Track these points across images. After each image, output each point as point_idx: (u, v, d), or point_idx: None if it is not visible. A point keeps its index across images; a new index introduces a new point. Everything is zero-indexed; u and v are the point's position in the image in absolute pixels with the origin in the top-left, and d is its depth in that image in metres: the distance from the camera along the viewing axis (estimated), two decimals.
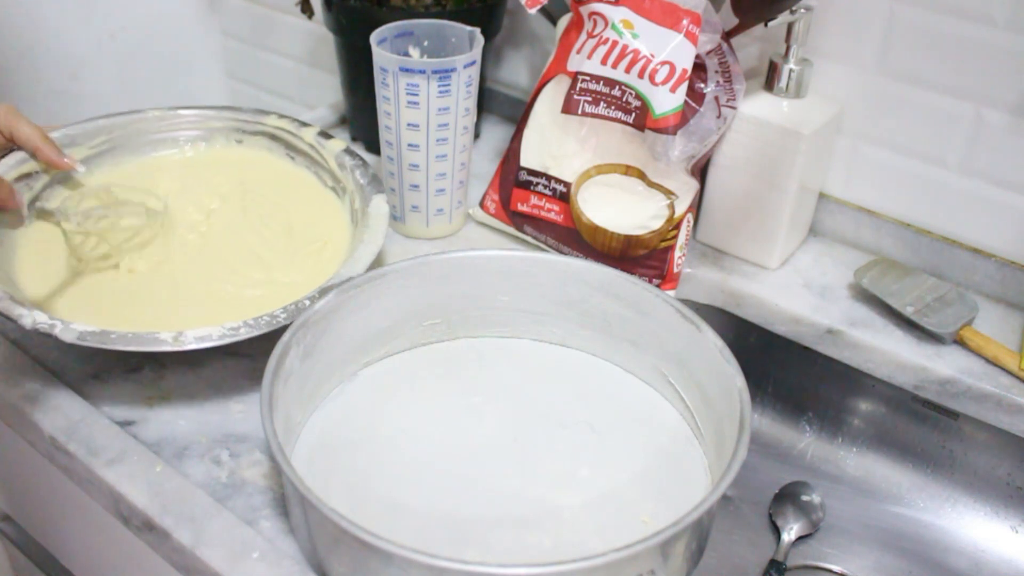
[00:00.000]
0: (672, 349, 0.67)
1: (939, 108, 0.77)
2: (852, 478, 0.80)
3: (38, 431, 0.64)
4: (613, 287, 0.69)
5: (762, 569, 0.73)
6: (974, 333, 0.75)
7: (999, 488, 0.75)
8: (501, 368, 0.71)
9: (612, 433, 0.67)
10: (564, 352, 0.73)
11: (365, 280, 0.66)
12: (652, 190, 0.77)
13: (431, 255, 0.69)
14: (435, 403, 0.68)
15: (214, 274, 0.72)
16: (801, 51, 0.78)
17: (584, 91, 0.77)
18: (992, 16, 0.72)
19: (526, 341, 0.74)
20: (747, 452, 0.55)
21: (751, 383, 0.85)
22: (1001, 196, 0.77)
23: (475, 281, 0.70)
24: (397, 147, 0.80)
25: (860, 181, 0.84)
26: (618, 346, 0.71)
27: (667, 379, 0.68)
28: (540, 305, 0.71)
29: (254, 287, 0.71)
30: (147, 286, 0.71)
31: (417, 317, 0.70)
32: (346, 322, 0.65)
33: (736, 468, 0.54)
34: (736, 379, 0.60)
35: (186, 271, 0.73)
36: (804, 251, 0.85)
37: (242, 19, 1.26)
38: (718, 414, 0.62)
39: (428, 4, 0.89)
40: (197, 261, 0.74)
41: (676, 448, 0.66)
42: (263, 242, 0.76)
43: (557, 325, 0.72)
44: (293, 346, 0.60)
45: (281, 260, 0.74)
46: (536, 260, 0.70)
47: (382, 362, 0.71)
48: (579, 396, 0.69)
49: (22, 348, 0.70)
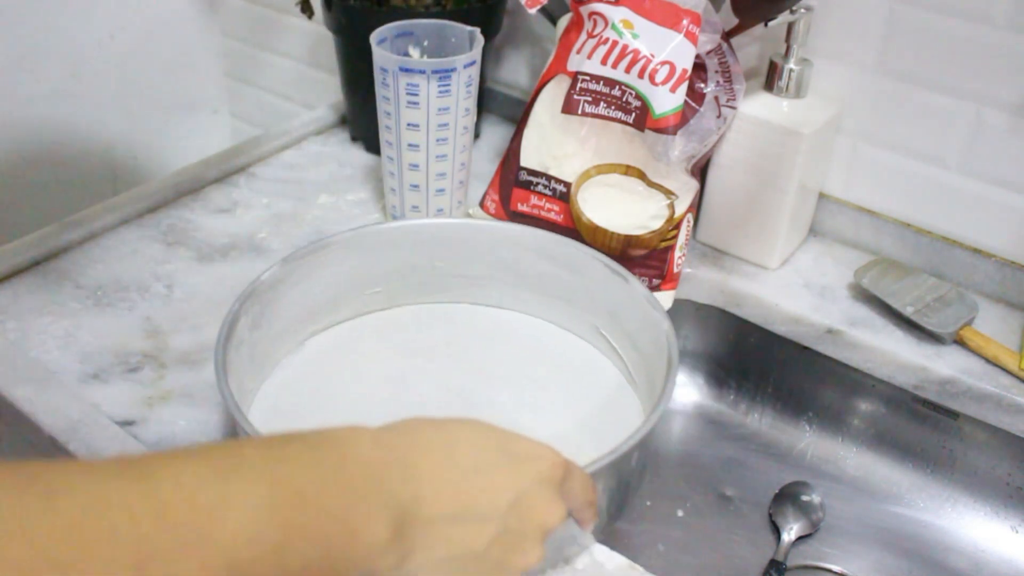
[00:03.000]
0: (603, 303, 0.70)
1: (939, 108, 0.77)
2: (852, 478, 0.80)
3: (38, 431, 0.64)
4: (545, 248, 0.72)
5: (762, 569, 0.73)
6: (974, 333, 0.75)
7: (999, 488, 0.75)
8: (442, 332, 0.74)
9: (551, 386, 0.69)
10: (501, 314, 0.76)
11: (308, 252, 0.68)
12: (652, 190, 0.77)
13: (369, 225, 0.72)
14: (380, 368, 0.70)
15: None
16: (801, 51, 0.78)
17: (584, 91, 0.77)
18: (992, 16, 0.72)
19: (464, 305, 0.76)
20: (674, 388, 0.59)
21: (751, 383, 0.85)
22: (1001, 196, 0.77)
23: (413, 249, 0.73)
24: (397, 147, 0.80)
25: (860, 181, 0.84)
26: (552, 304, 0.74)
27: (600, 332, 0.71)
28: (476, 269, 0.74)
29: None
30: None
31: (359, 287, 0.72)
32: (291, 293, 0.67)
33: (665, 404, 0.57)
34: (663, 324, 0.64)
35: None
36: (804, 251, 0.85)
37: (242, 19, 1.26)
38: (649, 360, 0.65)
39: (428, 4, 0.89)
40: None
41: (612, 396, 0.69)
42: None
43: (493, 288, 0.75)
44: (242, 316, 0.62)
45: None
46: (470, 226, 0.73)
47: (327, 331, 0.72)
48: (518, 354, 0.72)
49: (22, 348, 0.70)
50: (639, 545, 0.75)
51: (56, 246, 0.80)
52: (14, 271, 0.77)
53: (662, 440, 0.85)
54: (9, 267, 0.77)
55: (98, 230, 0.83)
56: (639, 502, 0.78)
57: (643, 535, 0.76)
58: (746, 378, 0.85)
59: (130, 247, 0.81)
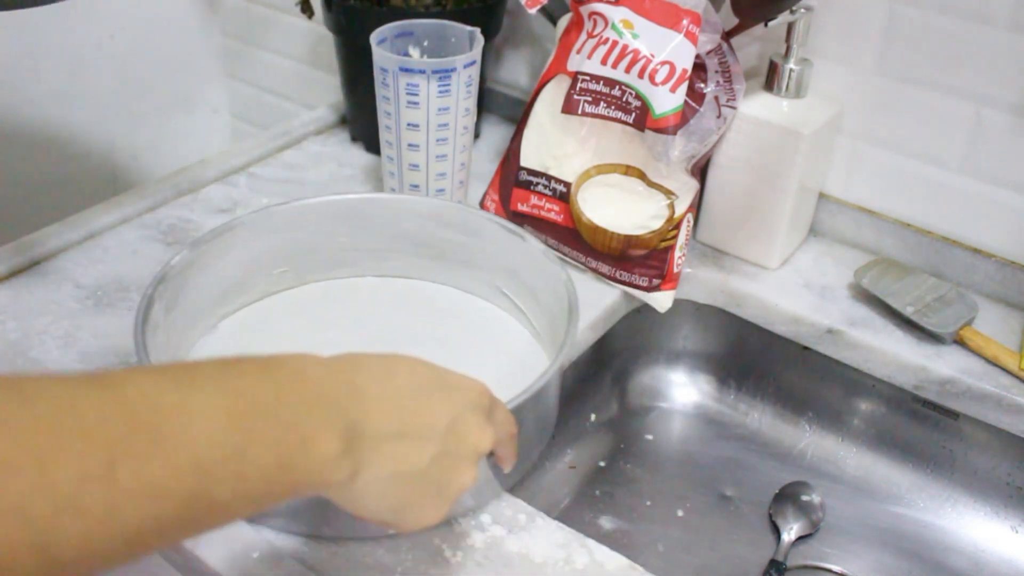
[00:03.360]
0: (503, 262, 0.73)
1: (939, 108, 0.77)
2: (852, 478, 0.80)
3: None
4: (443, 215, 0.74)
5: (762, 569, 0.73)
6: (974, 333, 0.75)
7: (999, 488, 0.75)
8: (349, 305, 0.76)
9: (460, 346, 0.72)
10: (406, 283, 0.78)
11: (215, 234, 0.69)
12: (652, 190, 0.77)
13: (273, 206, 0.73)
14: (292, 345, 0.71)
15: None
16: (801, 51, 0.78)
17: (584, 91, 0.77)
18: (992, 16, 0.72)
19: (370, 278, 0.78)
20: (577, 333, 0.62)
21: (751, 383, 0.85)
22: (1001, 196, 0.77)
23: (316, 227, 0.74)
24: (397, 147, 0.80)
25: (860, 181, 0.84)
26: (454, 269, 0.76)
27: (502, 292, 0.74)
28: (378, 242, 0.75)
29: None
30: None
31: (266, 267, 0.74)
32: (201, 276, 0.69)
33: (568, 347, 0.60)
34: (560, 275, 0.67)
35: None
36: (804, 251, 0.85)
37: (242, 19, 1.26)
38: (551, 312, 0.68)
39: (428, 4, 0.89)
40: None
41: (519, 350, 0.72)
42: None
43: (396, 259, 0.77)
44: (156, 300, 0.63)
45: None
46: (369, 200, 0.75)
47: (240, 312, 0.74)
48: (425, 319, 0.74)
49: (22, 348, 0.70)
50: (639, 545, 0.75)
51: (56, 246, 0.80)
52: (14, 271, 0.77)
53: (662, 440, 0.85)
54: (9, 267, 0.77)
55: (98, 230, 0.83)
56: (639, 502, 0.78)
57: (643, 535, 0.76)
58: (746, 378, 0.85)
59: (130, 247, 0.81)
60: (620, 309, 0.80)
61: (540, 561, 0.57)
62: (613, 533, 0.76)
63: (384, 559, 0.56)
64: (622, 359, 0.86)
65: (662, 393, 0.88)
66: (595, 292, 0.79)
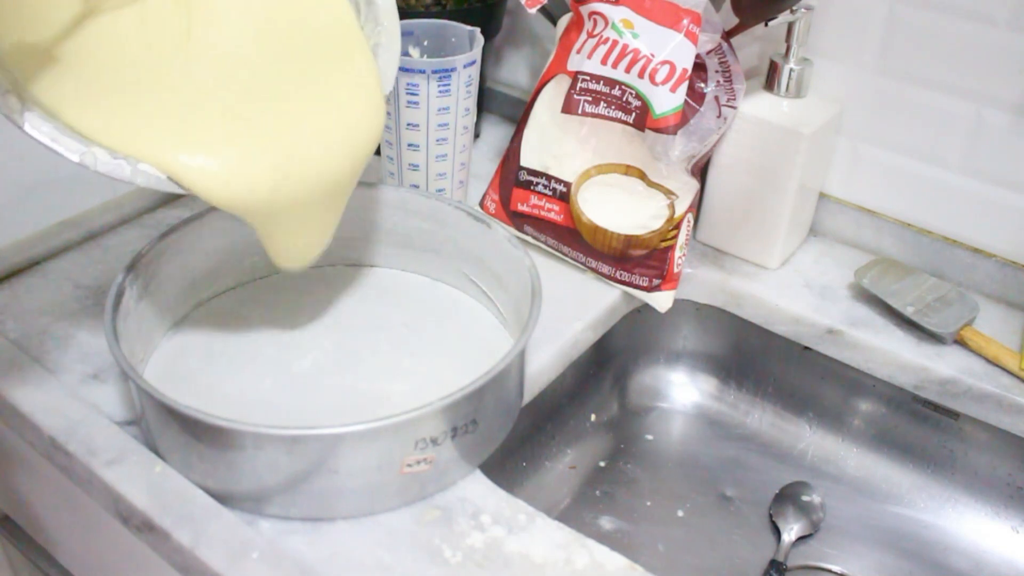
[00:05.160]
0: (469, 250, 0.74)
1: (939, 108, 0.77)
2: (852, 478, 0.80)
3: (37, 431, 0.64)
4: (409, 204, 0.76)
5: (762, 569, 0.73)
6: (975, 333, 0.75)
7: (1000, 488, 0.75)
8: (319, 294, 0.76)
9: (427, 330, 0.73)
10: (374, 271, 0.79)
11: (186, 223, 0.70)
12: (652, 190, 0.77)
13: None
14: (263, 332, 0.73)
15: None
16: (801, 51, 0.78)
17: (584, 91, 0.77)
18: (992, 16, 0.72)
19: (339, 267, 0.79)
20: (540, 313, 0.63)
21: (751, 383, 0.85)
22: (1001, 196, 0.77)
23: None
24: (397, 147, 0.80)
25: (860, 181, 0.84)
26: (422, 257, 0.78)
27: (469, 278, 0.75)
28: (347, 231, 0.75)
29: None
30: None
31: (237, 256, 0.75)
32: (172, 264, 0.70)
33: (530, 332, 0.62)
34: (524, 260, 0.68)
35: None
36: (804, 251, 0.85)
37: None
38: (516, 297, 0.70)
39: (428, 4, 0.89)
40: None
41: (485, 334, 0.73)
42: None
43: (365, 248, 0.78)
44: (127, 288, 0.64)
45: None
46: None
47: (212, 300, 0.75)
48: (393, 306, 0.75)
49: (22, 348, 0.70)
50: (639, 545, 0.75)
51: (56, 246, 0.80)
52: (14, 271, 0.77)
53: (662, 440, 0.85)
54: (9, 267, 0.77)
55: (98, 230, 0.83)
56: (639, 502, 0.78)
57: (643, 535, 0.76)
58: (746, 378, 0.85)
59: (130, 247, 0.81)
60: (620, 309, 0.80)
61: (540, 561, 0.57)
62: (613, 533, 0.76)
63: (384, 559, 0.56)
64: (622, 359, 0.86)
65: (662, 393, 0.88)
66: (595, 292, 0.79)
